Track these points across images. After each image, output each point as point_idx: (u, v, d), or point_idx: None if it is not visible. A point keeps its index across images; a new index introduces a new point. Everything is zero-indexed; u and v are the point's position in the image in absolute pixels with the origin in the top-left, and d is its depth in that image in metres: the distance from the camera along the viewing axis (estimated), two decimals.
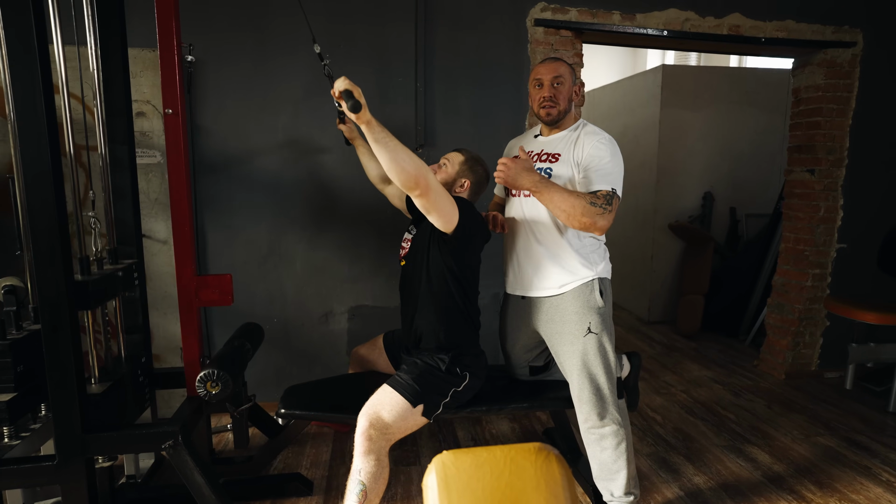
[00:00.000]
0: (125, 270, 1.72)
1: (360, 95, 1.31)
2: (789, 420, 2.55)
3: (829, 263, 2.99)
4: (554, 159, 1.67)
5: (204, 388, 1.60)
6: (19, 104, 1.30)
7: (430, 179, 1.43)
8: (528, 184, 1.56)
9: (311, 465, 2.12)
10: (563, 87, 1.66)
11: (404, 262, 1.74)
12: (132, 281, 1.78)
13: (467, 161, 1.71)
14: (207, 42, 2.25)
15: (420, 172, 1.40)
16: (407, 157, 1.38)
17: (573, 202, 1.52)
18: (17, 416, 1.51)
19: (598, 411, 1.64)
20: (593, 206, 1.52)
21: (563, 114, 1.68)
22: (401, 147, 1.38)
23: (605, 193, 1.55)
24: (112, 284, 1.63)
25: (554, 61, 1.69)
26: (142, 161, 2.24)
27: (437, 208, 1.49)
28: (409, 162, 1.38)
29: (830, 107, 2.83)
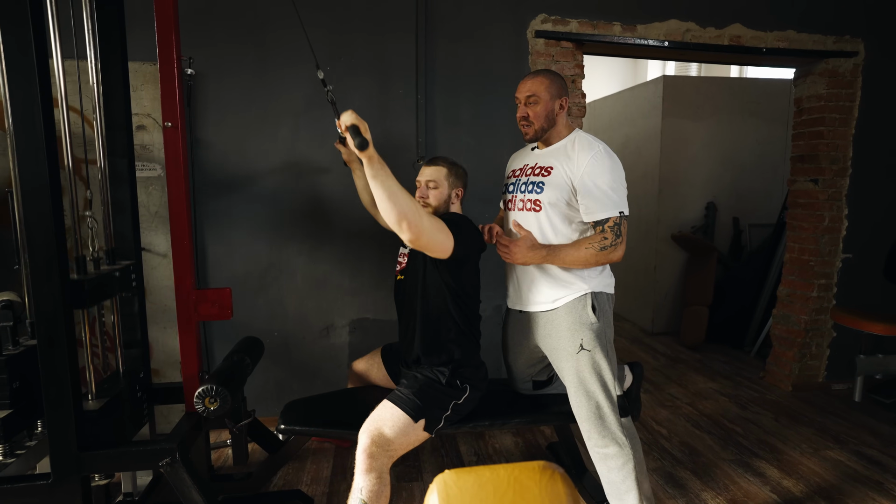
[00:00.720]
0: (122, 271, 1.69)
1: (366, 130, 1.30)
2: (797, 433, 2.51)
3: (835, 274, 2.96)
4: (546, 172, 1.62)
5: (202, 403, 1.57)
6: (17, 118, 1.29)
7: (423, 223, 1.40)
8: (538, 260, 1.56)
9: (311, 482, 2.08)
10: (538, 105, 1.59)
11: (401, 276, 1.73)
12: (129, 281, 1.75)
13: (451, 171, 1.69)
14: (208, 55, 2.26)
15: (414, 217, 1.37)
16: (402, 198, 1.35)
17: (585, 256, 1.54)
18: (13, 433, 1.49)
19: (599, 430, 1.59)
20: (604, 250, 1.52)
21: (541, 131, 1.62)
22: (398, 186, 1.35)
23: (614, 223, 1.52)
24: (109, 284, 1.60)
25: (533, 77, 1.62)
26: (142, 174, 2.24)
27: (430, 247, 1.47)
28: (403, 203, 1.35)
29: (833, 116, 2.82)
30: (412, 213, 1.37)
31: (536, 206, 1.63)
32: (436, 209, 1.69)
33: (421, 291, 1.63)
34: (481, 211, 2.53)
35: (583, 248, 1.54)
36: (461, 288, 1.63)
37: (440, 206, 1.69)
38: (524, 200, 1.67)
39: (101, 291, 1.55)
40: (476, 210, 2.53)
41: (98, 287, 1.53)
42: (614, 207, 1.53)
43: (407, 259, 1.71)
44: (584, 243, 1.54)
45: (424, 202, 1.69)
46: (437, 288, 1.62)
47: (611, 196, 1.53)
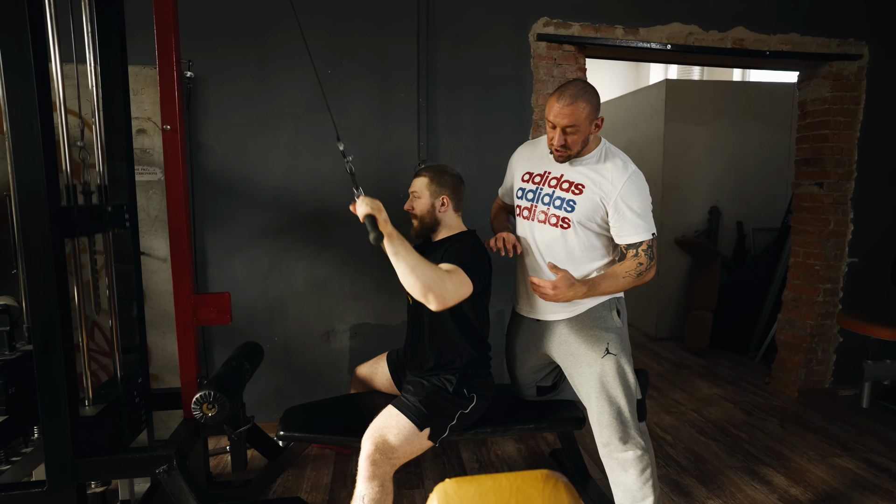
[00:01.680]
0: (115, 207, 1.65)
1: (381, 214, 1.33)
2: (804, 440, 2.47)
3: (841, 278, 2.92)
4: (577, 191, 1.57)
5: (200, 409, 1.55)
6: (15, 121, 1.28)
7: (446, 289, 1.40)
8: (581, 296, 1.55)
9: (311, 489, 2.06)
10: (577, 134, 1.51)
11: (411, 299, 1.71)
12: (122, 219, 1.69)
13: (432, 180, 1.67)
14: (208, 58, 2.25)
15: (438, 286, 1.38)
16: (423, 271, 1.36)
17: (624, 284, 1.55)
18: (9, 439, 1.48)
19: (620, 435, 1.56)
20: (640, 276, 1.54)
21: (576, 155, 1.58)
22: (418, 258, 1.37)
23: (647, 246, 1.54)
24: (99, 218, 1.56)
25: (572, 103, 1.48)
26: (142, 178, 2.23)
27: (455, 302, 1.46)
28: (426, 276, 1.37)
29: (838, 119, 2.80)
30: (435, 283, 1.38)
31: (565, 224, 1.59)
32: (421, 218, 1.69)
33: (432, 314, 1.63)
34: (482, 215, 2.51)
35: (620, 277, 1.55)
36: (473, 311, 1.64)
37: (425, 216, 1.68)
38: (548, 214, 1.61)
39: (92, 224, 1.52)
40: (476, 214, 2.51)
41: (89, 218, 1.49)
42: (647, 231, 1.54)
43: None
44: (621, 272, 1.55)
45: (411, 213, 1.71)
46: (449, 312, 1.61)
47: (643, 218, 1.54)
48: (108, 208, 1.60)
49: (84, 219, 1.47)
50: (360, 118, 2.40)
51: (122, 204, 1.70)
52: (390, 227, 1.34)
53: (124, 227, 1.70)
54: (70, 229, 1.40)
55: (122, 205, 1.69)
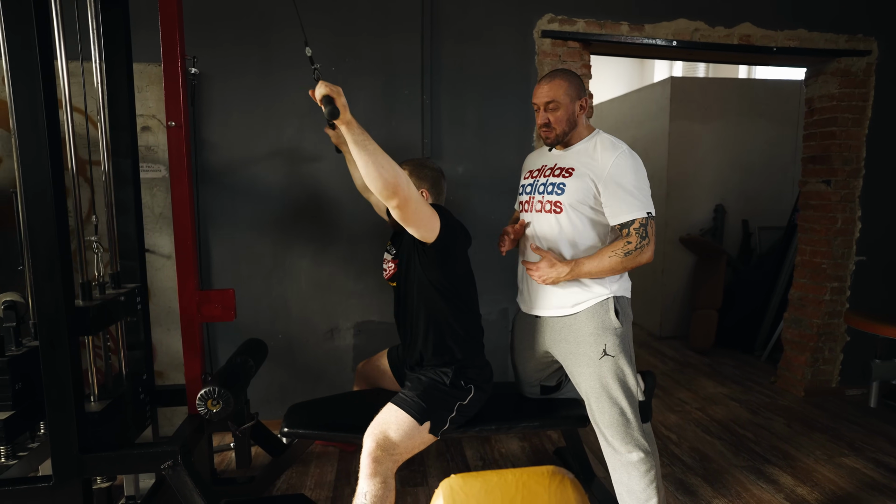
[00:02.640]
0: (127, 295, 1.69)
1: (340, 98, 1.25)
2: (811, 440, 2.45)
3: (848, 276, 2.90)
4: (567, 174, 1.58)
5: (204, 406, 1.55)
6: (21, 118, 1.28)
7: (410, 189, 1.36)
8: (565, 277, 1.55)
9: (315, 486, 2.06)
10: (559, 110, 1.56)
11: (394, 283, 1.71)
12: (134, 306, 1.75)
13: (412, 172, 1.66)
14: (212, 55, 2.26)
15: (399, 181, 1.33)
16: (386, 163, 1.31)
17: (611, 264, 1.51)
18: (15, 434, 1.48)
19: (622, 437, 1.54)
20: (629, 255, 1.49)
21: (562, 135, 1.60)
22: (380, 152, 1.31)
23: (640, 224, 1.49)
24: (114, 310, 1.60)
25: (549, 81, 1.58)
26: (146, 175, 2.23)
27: (417, 219, 1.42)
28: (387, 168, 1.31)
29: (845, 116, 2.77)
30: (397, 177, 1.32)
31: (557, 208, 1.59)
32: None
33: (415, 293, 1.61)
34: (486, 212, 2.51)
35: (606, 256, 1.51)
36: (452, 285, 1.60)
37: None
38: (543, 202, 1.63)
39: (105, 318, 1.55)
40: (480, 211, 2.51)
41: (102, 314, 1.53)
42: (641, 208, 1.49)
43: (396, 265, 1.69)
44: (608, 251, 1.51)
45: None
46: (428, 287, 1.58)
47: (636, 196, 1.49)
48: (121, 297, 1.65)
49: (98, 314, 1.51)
50: (363, 115, 2.39)
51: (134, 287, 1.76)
52: (349, 115, 1.27)
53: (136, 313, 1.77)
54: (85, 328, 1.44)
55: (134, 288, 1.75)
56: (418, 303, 1.61)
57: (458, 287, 1.62)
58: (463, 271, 1.65)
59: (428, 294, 1.59)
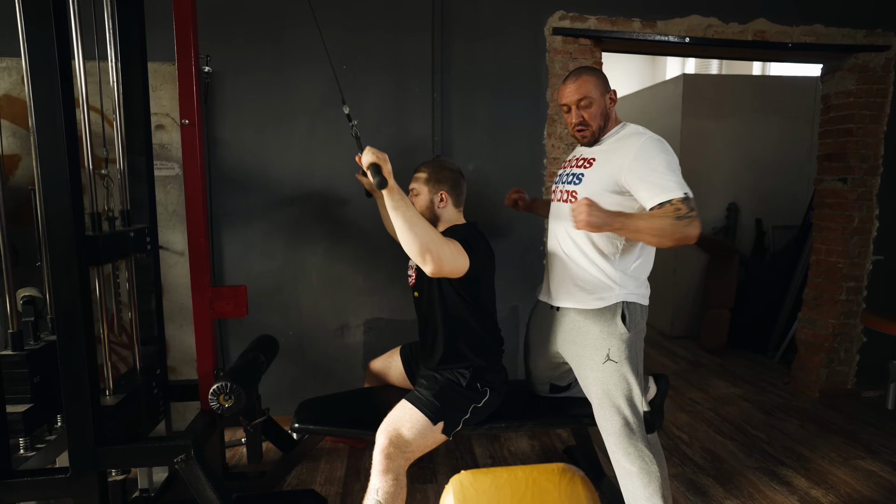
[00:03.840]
0: (137, 232, 1.69)
1: (385, 162, 1.30)
2: (826, 441, 2.42)
3: (865, 276, 2.85)
4: (588, 164, 1.57)
5: (217, 401, 1.57)
6: (40, 118, 1.31)
7: (444, 253, 1.40)
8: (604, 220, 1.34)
9: (325, 482, 2.07)
10: (592, 106, 1.53)
11: (417, 292, 1.72)
12: (144, 243, 1.74)
13: (431, 175, 1.66)
14: (225, 53, 2.28)
15: (435, 248, 1.37)
16: (420, 229, 1.35)
17: (660, 224, 1.34)
18: (33, 427, 1.51)
19: (624, 447, 1.51)
20: (680, 220, 1.32)
21: (598, 132, 1.57)
22: (417, 216, 1.36)
23: (682, 200, 1.35)
24: (123, 244, 1.60)
25: (576, 79, 1.55)
26: (160, 173, 2.26)
27: (450, 271, 1.46)
28: (422, 234, 1.35)
29: (863, 113, 2.72)
30: (433, 244, 1.37)
31: (573, 198, 1.58)
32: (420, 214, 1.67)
33: (437, 303, 1.63)
34: (496, 210, 2.50)
35: (657, 216, 1.34)
36: (475, 301, 1.62)
37: (424, 212, 1.67)
38: (562, 191, 1.63)
39: (115, 251, 1.56)
40: (490, 209, 2.51)
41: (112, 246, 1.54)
42: (678, 189, 1.36)
43: (416, 274, 1.71)
44: (658, 213, 1.35)
45: None
46: (452, 300, 1.61)
47: (670, 177, 1.38)
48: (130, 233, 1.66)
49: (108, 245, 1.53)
50: (374, 113, 2.40)
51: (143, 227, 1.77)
52: (393, 181, 1.30)
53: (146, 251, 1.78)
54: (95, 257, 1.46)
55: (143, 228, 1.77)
56: (441, 310, 1.63)
57: (482, 302, 1.64)
58: (487, 285, 1.66)
59: (453, 305, 1.61)
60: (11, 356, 1.46)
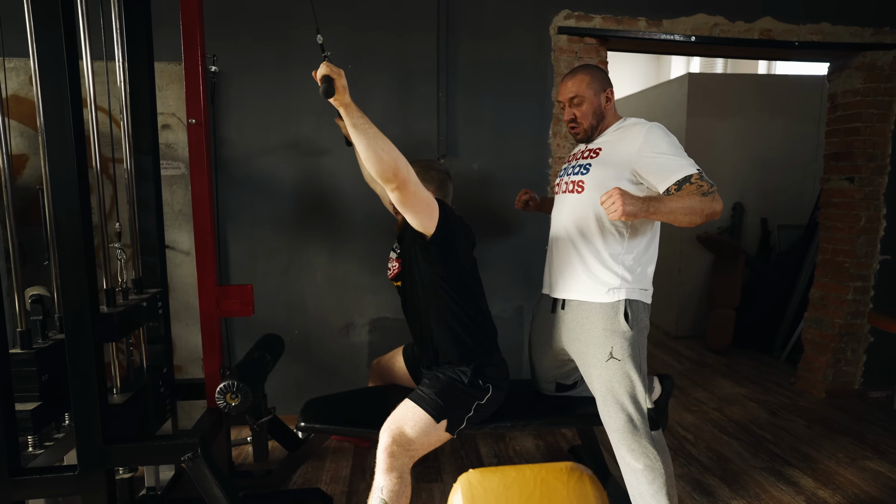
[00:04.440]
0: (150, 300, 1.74)
1: (340, 80, 1.24)
2: (833, 442, 2.41)
3: (872, 276, 2.83)
4: (594, 154, 1.59)
5: (223, 399, 1.57)
6: (49, 117, 1.31)
7: (409, 173, 1.36)
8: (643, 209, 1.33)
9: (330, 480, 2.08)
10: (584, 104, 1.58)
11: (399, 282, 1.71)
12: (156, 311, 1.80)
13: (418, 174, 1.62)
14: (231, 53, 2.28)
15: (398, 163, 1.33)
16: (385, 146, 1.31)
17: (690, 202, 1.36)
18: (42, 425, 1.51)
19: (629, 444, 1.52)
20: (706, 196, 1.37)
21: (591, 129, 1.61)
22: (380, 135, 1.31)
23: (698, 176, 1.39)
24: (136, 315, 1.65)
25: (572, 77, 1.61)
26: (166, 173, 2.27)
27: (415, 202, 1.41)
28: (386, 150, 1.31)
29: (870, 112, 2.70)
30: (396, 160, 1.32)
31: (579, 188, 1.59)
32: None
33: (420, 291, 1.61)
34: (501, 209, 2.50)
35: (686, 195, 1.37)
36: (458, 280, 1.59)
37: None
38: (568, 182, 1.64)
39: (129, 324, 1.60)
40: (495, 207, 2.51)
41: (126, 320, 1.58)
42: (691, 166, 1.41)
43: (400, 264, 1.70)
44: (684, 192, 1.37)
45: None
46: (433, 284, 1.58)
47: (681, 157, 1.44)
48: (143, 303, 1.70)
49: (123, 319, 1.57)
50: (379, 113, 2.40)
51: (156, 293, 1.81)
52: (348, 98, 1.26)
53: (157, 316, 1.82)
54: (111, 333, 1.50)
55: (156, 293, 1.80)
56: (426, 300, 1.61)
57: (465, 281, 1.62)
58: (468, 267, 1.65)
59: (434, 290, 1.59)
60: (20, 354, 1.47)
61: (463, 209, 2.50)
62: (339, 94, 1.24)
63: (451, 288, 1.59)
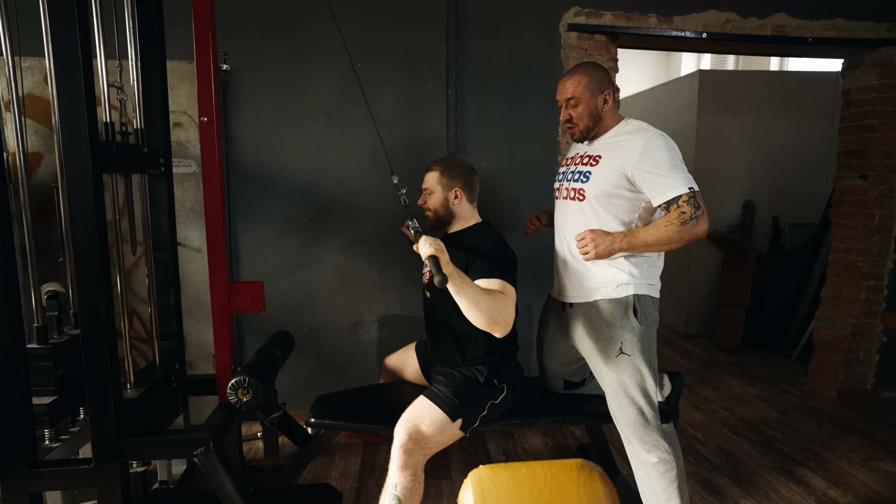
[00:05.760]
0: (151, 150, 1.70)
1: (443, 256, 1.34)
2: (844, 442, 2.38)
3: (886, 275, 2.80)
4: (594, 161, 1.58)
5: (235, 395, 1.59)
6: (64, 115, 1.33)
7: (508, 316, 1.42)
8: (617, 247, 1.46)
9: (340, 476, 2.09)
10: (579, 106, 1.57)
11: (428, 293, 1.72)
12: (157, 162, 1.74)
13: (443, 174, 1.67)
14: (241, 51, 2.29)
15: (500, 316, 1.40)
16: (486, 303, 1.38)
17: (668, 234, 1.42)
18: (58, 418, 1.54)
19: (641, 437, 1.52)
20: (685, 224, 1.40)
21: (587, 131, 1.60)
22: (480, 294, 1.38)
23: (688, 197, 1.41)
24: (137, 157, 1.60)
25: (570, 77, 1.58)
26: (178, 171, 2.29)
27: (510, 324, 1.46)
28: (489, 307, 1.38)
29: (886, 108, 2.67)
30: (499, 314, 1.39)
31: (580, 196, 1.59)
32: (435, 212, 1.69)
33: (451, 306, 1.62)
34: (510, 206, 2.50)
35: (662, 226, 1.43)
36: None
37: (439, 209, 1.69)
38: (569, 189, 1.64)
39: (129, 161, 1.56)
40: (505, 205, 2.51)
41: (126, 154, 1.54)
42: (682, 185, 1.42)
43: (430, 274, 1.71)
44: (663, 221, 1.43)
45: (425, 208, 1.72)
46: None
47: (675, 174, 1.43)
48: (144, 149, 1.64)
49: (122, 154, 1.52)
50: (389, 110, 2.41)
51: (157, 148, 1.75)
52: (451, 267, 1.35)
53: (160, 169, 1.75)
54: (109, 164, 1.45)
55: (157, 148, 1.74)
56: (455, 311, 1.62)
57: None
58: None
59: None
60: (37, 349, 1.49)
61: None
62: (444, 269, 1.32)
63: None
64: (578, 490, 0.87)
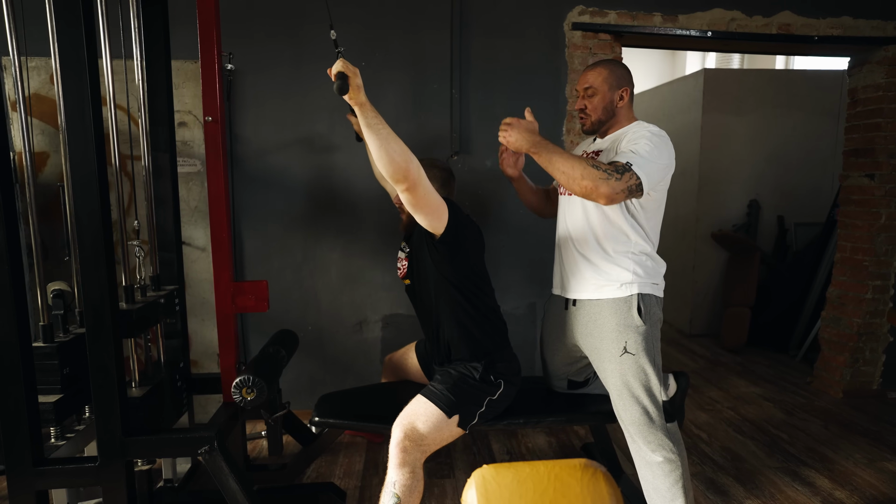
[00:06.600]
0: (167, 297, 1.77)
1: (355, 78, 1.24)
2: (850, 442, 2.37)
3: (892, 275, 2.78)
4: (594, 156, 1.60)
5: (239, 394, 1.60)
6: (70, 116, 1.34)
7: (420, 174, 1.36)
8: (527, 145, 1.47)
9: (344, 475, 2.10)
10: (595, 97, 1.58)
11: (409, 280, 1.72)
12: (173, 307, 1.83)
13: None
14: (246, 50, 2.30)
15: (409, 165, 1.33)
16: (397, 147, 1.31)
17: (572, 163, 1.41)
18: (63, 416, 1.55)
19: (645, 436, 1.51)
20: (596, 170, 1.38)
21: (598, 123, 1.60)
22: (393, 136, 1.31)
23: (619, 165, 1.40)
24: (154, 312, 1.68)
25: (592, 68, 1.61)
26: (182, 170, 2.30)
27: (425, 203, 1.42)
28: (398, 152, 1.31)
29: (892, 107, 2.65)
30: (408, 161, 1.32)
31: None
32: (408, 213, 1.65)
33: (431, 289, 1.62)
34: (514, 206, 2.50)
35: (576, 158, 1.43)
36: (467, 279, 1.60)
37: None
38: None
39: (147, 320, 1.64)
40: (509, 205, 2.50)
41: (144, 317, 1.62)
42: (629, 158, 1.41)
43: (407, 262, 1.70)
44: (580, 157, 1.44)
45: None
46: (442, 283, 1.59)
47: (636, 152, 1.42)
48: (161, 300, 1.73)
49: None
50: (393, 110, 2.41)
51: (173, 290, 1.84)
52: (363, 97, 1.25)
53: (174, 312, 1.85)
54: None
55: (173, 290, 1.84)
56: (436, 297, 1.62)
57: (474, 279, 1.62)
58: (477, 268, 1.65)
59: (444, 288, 1.59)
60: (43, 348, 1.50)
61: (476, 206, 2.50)
62: (353, 92, 1.25)
63: (460, 285, 1.59)
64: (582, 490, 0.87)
